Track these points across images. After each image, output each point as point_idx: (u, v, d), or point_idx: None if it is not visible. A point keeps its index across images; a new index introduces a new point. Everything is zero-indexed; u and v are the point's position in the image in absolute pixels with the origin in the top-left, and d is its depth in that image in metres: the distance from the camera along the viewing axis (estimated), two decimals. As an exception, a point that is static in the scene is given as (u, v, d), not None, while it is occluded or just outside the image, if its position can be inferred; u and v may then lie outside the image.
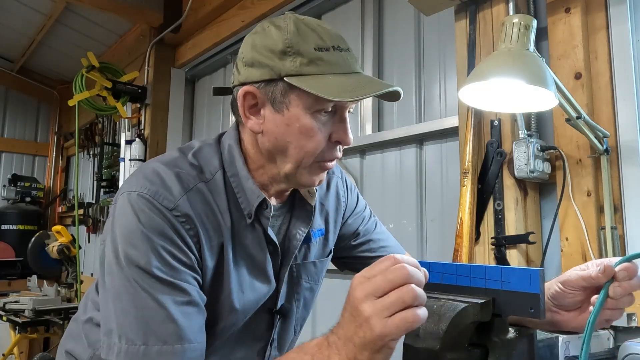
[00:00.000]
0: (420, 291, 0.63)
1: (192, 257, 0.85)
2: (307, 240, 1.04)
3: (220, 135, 1.01)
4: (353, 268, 1.21)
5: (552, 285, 0.87)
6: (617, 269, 0.77)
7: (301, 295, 1.06)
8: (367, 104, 2.38)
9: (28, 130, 5.90)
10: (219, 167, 0.93)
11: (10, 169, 5.73)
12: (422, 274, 0.66)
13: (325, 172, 0.93)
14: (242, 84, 0.88)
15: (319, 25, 0.87)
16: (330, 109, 0.87)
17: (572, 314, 0.87)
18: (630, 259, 0.77)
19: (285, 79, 0.84)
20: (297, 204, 1.02)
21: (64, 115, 5.77)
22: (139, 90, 3.67)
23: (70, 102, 3.63)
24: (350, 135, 0.91)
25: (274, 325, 1.02)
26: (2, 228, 5.11)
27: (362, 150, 2.37)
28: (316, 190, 1.03)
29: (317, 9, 2.69)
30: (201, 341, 0.83)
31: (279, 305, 1.01)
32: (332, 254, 1.14)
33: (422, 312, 0.63)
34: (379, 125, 2.34)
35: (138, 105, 3.80)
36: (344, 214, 1.15)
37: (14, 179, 5.43)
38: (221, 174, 0.92)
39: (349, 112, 0.92)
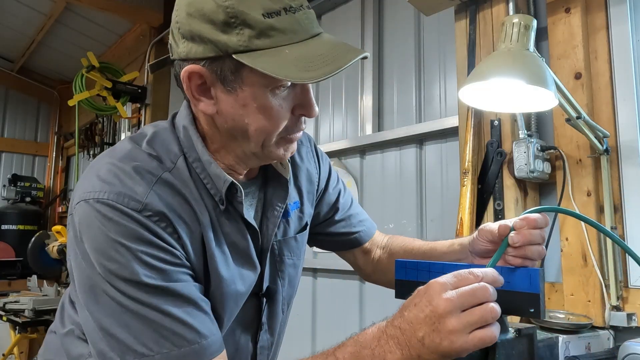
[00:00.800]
0: (498, 309, 0.66)
1: (178, 252, 0.78)
2: (285, 214, 0.98)
3: (174, 116, 0.91)
4: (332, 246, 1.18)
5: (473, 233, 0.93)
6: (516, 218, 0.81)
7: (285, 273, 1.00)
8: (367, 104, 2.38)
9: (28, 130, 5.90)
10: (180, 153, 0.84)
11: (10, 169, 5.73)
12: (494, 291, 0.68)
13: (294, 144, 0.86)
14: (184, 60, 0.78)
15: None
16: (289, 83, 0.77)
17: (484, 261, 0.89)
18: (537, 212, 0.82)
19: (233, 56, 0.73)
20: (270, 178, 0.95)
21: (64, 115, 5.77)
22: (139, 90, 3.67)
23: (70, 102, 3.64)
24: (316, 108, 0.82)
25: (262, 310, 0.97)
26: (2, 228, 5.11)
27: (362, 150, 2.37)
28: (289, 161, 0.95)
29: (317, 9, 2.69)
30: (216, 332, 0.79)
31: (264, 288, 0.96)
32: (308, 227, 1.07)
33: (497, 329, 0.66)
34: (379, 125, 2.34)
35: (138, 105, 3.80)
36: (318, 185, 1.09)
37: (14, 179, 5.43)
38: (183, 161, 0.83)
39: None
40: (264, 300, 0.96)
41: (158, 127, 0.88)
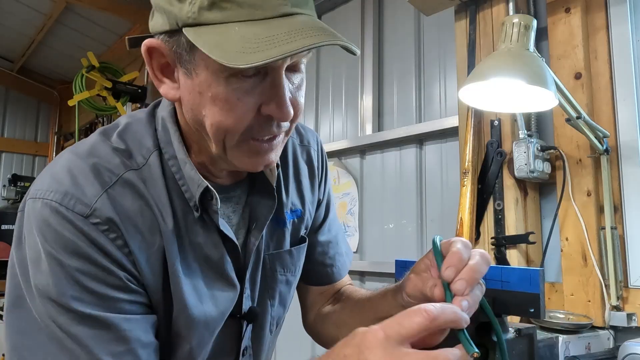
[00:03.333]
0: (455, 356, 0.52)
1: (123, 274, 0.66)
2: (281, 224, 0.85)
3: (155, 106, 0.79)
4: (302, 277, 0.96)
5: (400, 291, 0.76)
6: (452, 279, 0.62)
7: (276, 292, 0.86)
8: (367, 104, 2.38)
9: (28, 130, 5.89)
10: (154, 148, 0.72)
11: (10, 169, 5.73)
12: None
13: (270, 154, 0.70)
14: (153, 36, 0.67)
15: None
16: (252, 72, 0.63)
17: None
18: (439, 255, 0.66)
19: (183, 30, 0.61)
20: (257, 183, 0.81)
21: (64, 115, 5.77)
22: (139, 90, 3.67)
23: (70, 102, 3.64)
24: (287, 107, 0.65)
25: (242, 334, 0.82)
26: (2, 228, 5.10)
27: (362, 150, 2.37)
28: (278, 164, 0.81)
29: (317, 9, 2.66)
30: None
31: (244, 309, 0.81)
32: (307, 241, 0.92)
33: None
34: (379, 125, 2.34)
35: (138, 105, 3.80)
36: (319, 195, 0.96)
37: (14, 179, 5.42)
38: (157, 157, 0.72)
39: (292, 71, 0.67)
40: (245, 323, 0.82)
41: (133, 118, 0.77)
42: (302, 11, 0.62)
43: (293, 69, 0.67)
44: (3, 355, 3.57)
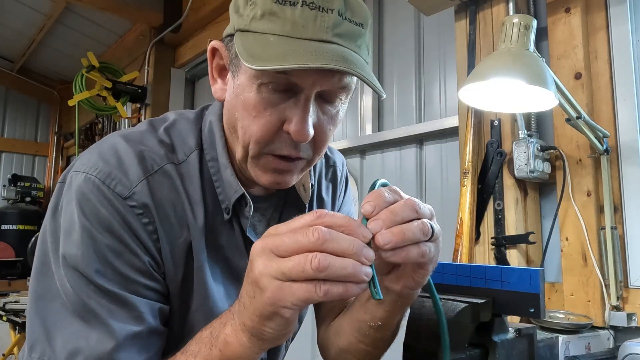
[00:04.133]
0: (334, 263, 0.49)
1: (147, 259, 0.69)
2: None
3: (204, 108, 0.83)
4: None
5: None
6: (369, 215, 0.56)
7: None
8: (367, 104, 2.38)
9: (28, 130, 5.90)
10: (195, 147, 0.76)
11: (10, 169, 5.73)
12: (345, 242, 0.50)
13: (286, 176, 0.72)
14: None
15: None
16: (283, 87, 0.65)
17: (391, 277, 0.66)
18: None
19: (236, 34, 0.67)
20: (290, 199, 0.85)
21: (64, 115, 5.77)
22: (139, 90, 3.67)
23: (70, 102, 3.64)
24: (306, 129, 0.66)
25: None
26: (2, 228, 5.10)
27: (362, 150, 2.37)
28: (313, 185, 0.86)
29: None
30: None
31: None
32: None
33: (333, 289, 0.49)
34: (379, 125, 2.34)
35: (138, 105, 3.80)
36: (335, 207, 1.01)
37: (14, 179, 5.42)
38: (197, 156, 0.75)
39: (327, 102, 0.70)
40: None
41: (182, 116, 0.81)
42: (342, 43, 0.64)
43: (328, 99, 0.70)
44: (3, 355, 3.57)
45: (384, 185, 0.62)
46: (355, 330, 0.80)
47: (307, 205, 0.85)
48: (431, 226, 0.58)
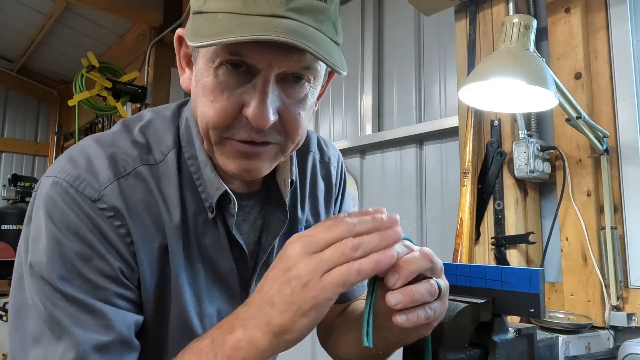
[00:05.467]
0: (364, 239, 0.53)
1: (118, 265, 0.65)
2: None
3: (182, 104, 0.80)
4: None
5: None
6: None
7: None
8: (367, 104, 2.38)
9: (28, 130, 5.90)
10: (173, 146, 0.73)
11: (10, 169, 5.73)
12: (371, 220, 0.55)
13: (255, 161, 0.68)
14: None
15: None
16: (240, 69, 0.62)
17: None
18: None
19: (190, 17, 0.64)
20: (272, 196, 0.81)
21: (64, 115, 5.77)
22: (139, 90, 3.67)
23: (70, 102, 3.64)
24: (265, 114, 0.62)
25: None
26: (2, 228, 5.10)
27: (362, 150, 2.37)
28: (294, 180, 0.81)
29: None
30: None
31: None
32: None
33: (366, 263, 0.52)
34: (379, 125, 2.34)
35: (138, 105, 3.80)
36: (332, 210, 0.96)
37: (14, 179, 5.42)
38: (175, 155, 0.72)
39: (293, 82, 0.65)
40: None
41: (158, 114, 0.77)
42: (299, 18, 0.59)
43: (293, 81, 0.65)
44: (4, 355, 3.57)
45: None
46: (355, 349, 0.81)
47: (287, 203, 0.80)
48: (438, 285, 0.59)
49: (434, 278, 0.59)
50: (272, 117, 0.63)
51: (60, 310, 0.62)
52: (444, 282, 0.60)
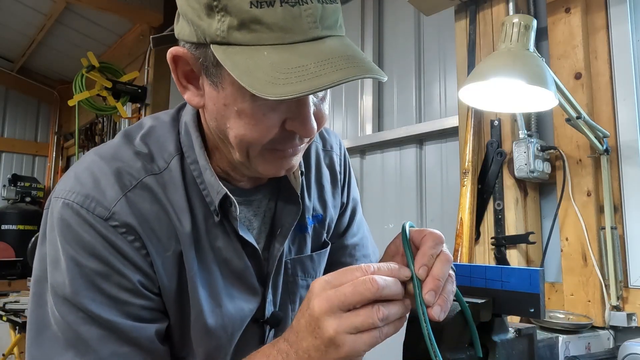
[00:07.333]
0: (391, 310, 0.57)
1: (137, 278, 0.68)
2: (303, 229, 0.85)
3: (180, 109, 0.79)
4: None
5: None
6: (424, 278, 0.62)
7: (297, 296, 0.87)
8: (367, 104, 2.38)
9: (28, 130, 5.90)
10: (175, 152, 0.73)
11: (10, 169, 5.73)
12: (394, 285, 0.58)
13: (292, 159, 0.70)
14: (179, 40, 0.67)
15: None
16: None
17: None
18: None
19: (211, 47, 0.60)
20: (282, 189, 0.81)
21: (64, 115, 5.77)
22: (139, 90, 3.67)
23: (70, 102, 3.64)
24: (312, 125, 0.64)
25: (265, 339, 0.83)
26: (2, 228, 5.10)
27: (362, 150, 2.37)
28: (301, 173, 0.82)
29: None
30: None
31: (267, 314, 0.82)
32: (329, 245, 0.93)
33: (390, 330, 0.58)
34: (379, 125, 2.34)
35: (138, 105, 3.81)
36: (342, 199, 0.96)
37: (14, 179, 5.42)
38: (178, 161, 0.73)
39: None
40: (267, 328, 0.83)
41: (158, 121, 0.78)
42: (332, 33, 0.61)
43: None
44: (4, 355, 3.57)
45: (410, 226, 0.69)
46: None
47: (299, 194, 0.81)
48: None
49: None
50: (316, 125, 0.65)
51: (85, 329, 0.64)
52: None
